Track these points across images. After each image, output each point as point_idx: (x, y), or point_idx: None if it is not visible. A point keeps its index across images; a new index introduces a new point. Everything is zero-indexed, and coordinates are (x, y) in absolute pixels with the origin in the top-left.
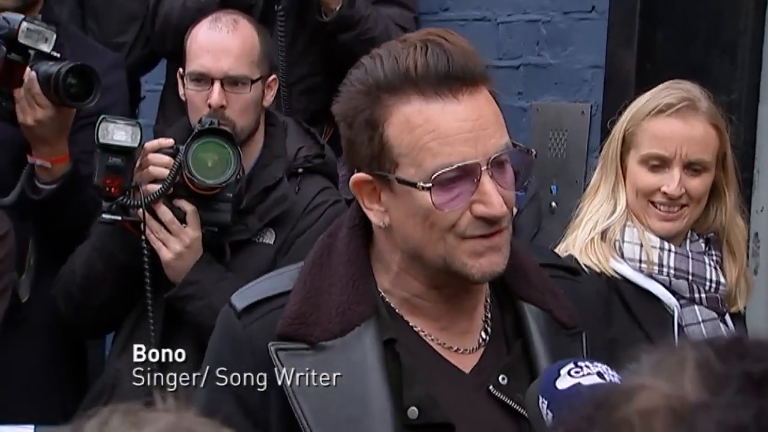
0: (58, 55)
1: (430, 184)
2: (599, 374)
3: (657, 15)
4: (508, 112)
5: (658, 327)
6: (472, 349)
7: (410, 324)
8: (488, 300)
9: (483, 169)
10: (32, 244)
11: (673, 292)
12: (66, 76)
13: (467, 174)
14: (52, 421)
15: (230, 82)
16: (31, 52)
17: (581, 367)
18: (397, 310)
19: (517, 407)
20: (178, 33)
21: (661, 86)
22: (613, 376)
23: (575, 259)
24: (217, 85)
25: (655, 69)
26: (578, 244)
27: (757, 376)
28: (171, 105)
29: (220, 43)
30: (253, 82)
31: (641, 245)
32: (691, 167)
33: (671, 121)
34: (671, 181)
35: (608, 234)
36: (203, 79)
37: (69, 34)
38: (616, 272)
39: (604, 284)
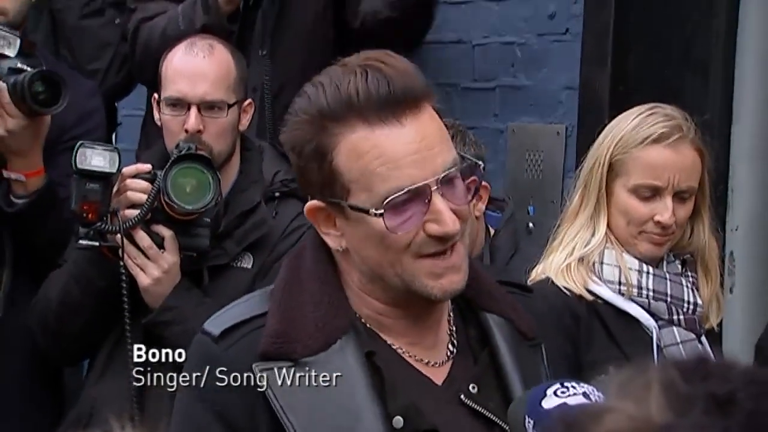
0: (26, 68)
1: (382, 210)
2: (585, 395)
3: (630, 37)
4: (484, 134)
5: (637, 349)
6: (442, 362)
7: (383, 338)
8: (450, 314)
9: (433, 189)
10: (7, 260)
11: (652, 314)
12: (32, 82)
13: (418, 195)
14: None
15: (207, 106)
16: None
17: (567, 388)
18: (369, 326)
19: (490, 415)
20: (158, 61)
21: (645, 112)
22: (598, 396)
23: (552, 281)
24: (193, 110)
25: (628, 90)
26: (554, 267)
27: (722, 397)
28: (153, 130)
29: (196, 68)
30: (229, 106)
31: (620, 267)
32: (680, 195)
33: (665, 151)
34: (665, 211)
35: (587, 257)
36: (179, 104)
37: (45, 60)
38: (595, 294)
39: (582, 307)
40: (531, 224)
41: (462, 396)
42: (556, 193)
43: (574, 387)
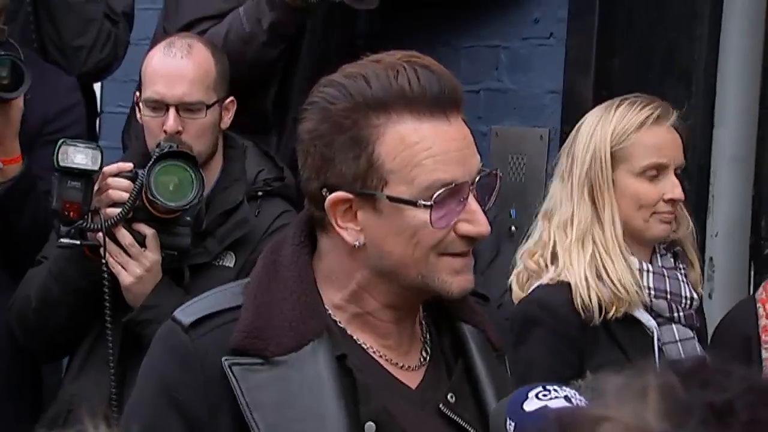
0: None
1: (431, 203)
2: (566, 398)
3: (614, 42)
4: None
5: (639, 349)
6: (415, 366)
7: (358, 341)
8: (422, 321)
9: (471, 188)
10: None
11: (652, 313)
12: None
13: (456, 193)
14: None
15: (185, 108)
16: None
17: (549, 391)
18: (344, 327)
19: (467, 426)
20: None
21: (623, 103)
22: (580, 400)
23: (564, 287)
24: (172, 111)
25: (612, 95)
26: (580, 279)
27: (719, 407)
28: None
29: (174, 69)
30: (208, 107)
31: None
32: (676, 173)
33: (663, 130)
34: (674, 187)
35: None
36: (158, 106)
37: (25, 56)
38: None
39: (588, 312)
40: (513, 227)
41: (441, 405)
42: (538, 197)
43: (556, 390)
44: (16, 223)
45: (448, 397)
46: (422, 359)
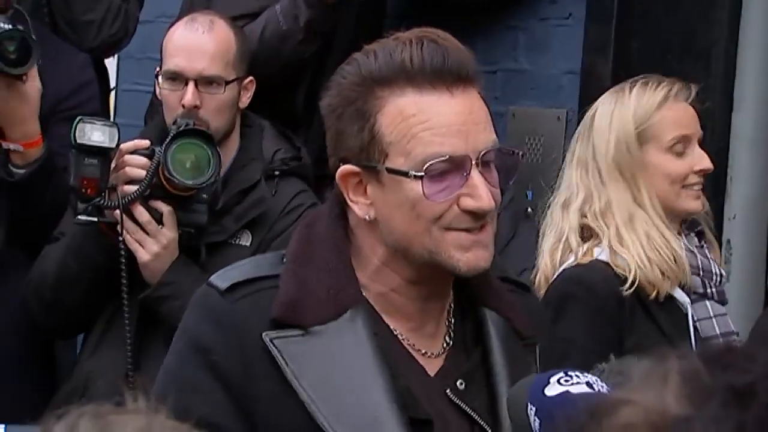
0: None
1: (422, 173)
2: (588, 384)
3: (632, 23)
4: None
5: (675, 326)
6: (437, 353)
7: (385, 321)
8: (451, 305)
9: (473, 162)
10: (3, 219)
11: (687, 291)
12: (2, 41)
13: (457, 167)
14: (22, 419)
15: (204, 82)
16: None
17: (571, 376)
18: (373, 306)
19: (472, 413)
20: (257, 69)
21: (637, 84)
22: (602, 386)
23: (599, 264)
24: (191, 85)
25: (630, 76)
26: (635, 260)
27: (740, 389)
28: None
29: (195, 43)
30: (227, 83)
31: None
32: (700, 145)
33: (683, 104)
34: (702, 158)
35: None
36: (177, 79)
37: (38, 33)
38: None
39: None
40: (529, 209)
41: (448, 390)
42: (554, 178)
43: (577, 376)
44: (38, 204)
45: (458, 383)
46: (445, 345)
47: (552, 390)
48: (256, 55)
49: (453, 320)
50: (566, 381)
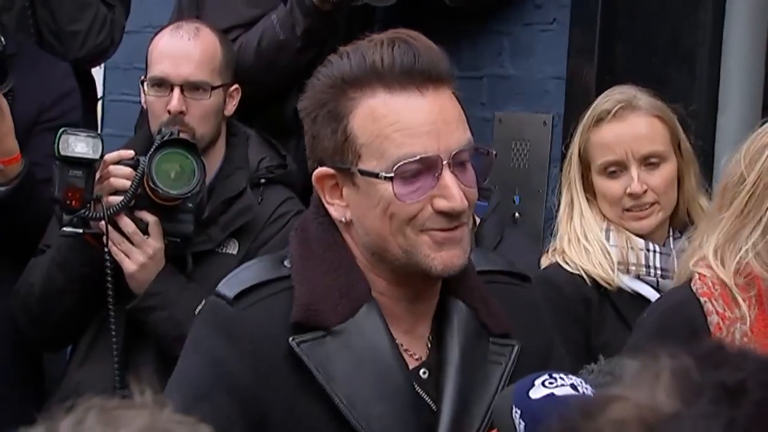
0: None
1: (392, 174)
2: (572, 386)
3: (617, 27)
4: (471, 123)
5: None
6: (423, 356)
7: (387, 325)
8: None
9: (444, 163)
10: None
11: (661, 293)
12: None
13: (429, 167)
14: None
15: (190, 88)
16: None
17: (555, 379)
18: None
19: (429, 401)
20: (253, 79)
21: (598, 100)
22: (586, 388)
23: (561, 267)
24: (176, 91)
25: (615, 80)
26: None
27: (731, 386)
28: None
29: (180, 50)
30: (213, 88)
31: (627, 248)
32: (647, 162)
33: (612, 125)
34: (631, 181)
35: (595, 241)
36: (163, 85)
37: (21, 44)
38: (604, 278)
39: (594, 291)
40: (517, 213)
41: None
42: (541, 183)
43: (562, 378)
44: (20, 219)
45: (421, 372)
46: (428, 347)
47: (537, 393)
48: (253, 65)
49: (435, 321)
50: (551, 383)
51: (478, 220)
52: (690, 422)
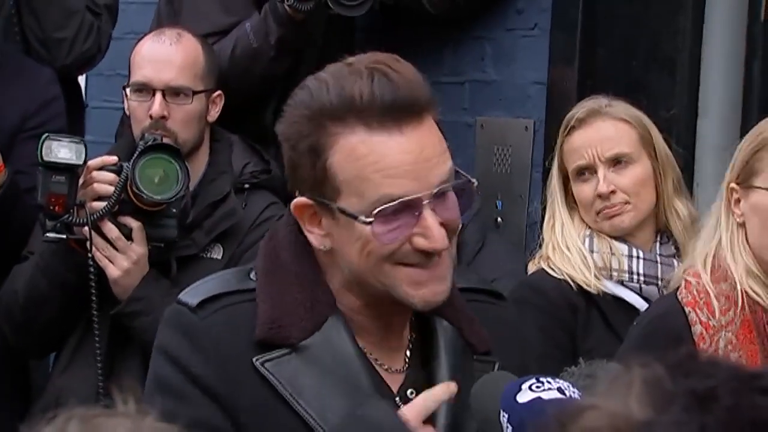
0: None
1: (371, 219)
2: (559, 390)
3: (597, 33)
4: (453, 128)
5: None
6: (400, 368)
7: (354, 336)
8: (412, 317)
9: (425, 203)
10: None
11: (645, 299)
12: None
13: (409, 207)
14: None
15: (172, 93)
16: None
17: (542, 383)
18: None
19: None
20: (228, 86)
21: (574, 107)
22: (573, 392)
23: (547, 273)
24: (158, 96)
25: (596, 85)
26: (556, 261)
27: (702, 393)
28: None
29: (162, 55)
30: (195, 93)
31: (611, 254)
32: (615, 163)
33: (580, 131)
34: (598, 183)
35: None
36: (145, 90)
37: (3, 51)
38: (589, 284)
39: (580, 297)
40: (499, 219)
41: (397, 399)
42: (523, 188)
43: (549, 382)
44: (4, 228)
45: (408, 393)
46: (406, 359)
47: (524, 396)
48: (227, 73)
49: (413, 334)
50: (538, 387)
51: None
52: (662, 429)
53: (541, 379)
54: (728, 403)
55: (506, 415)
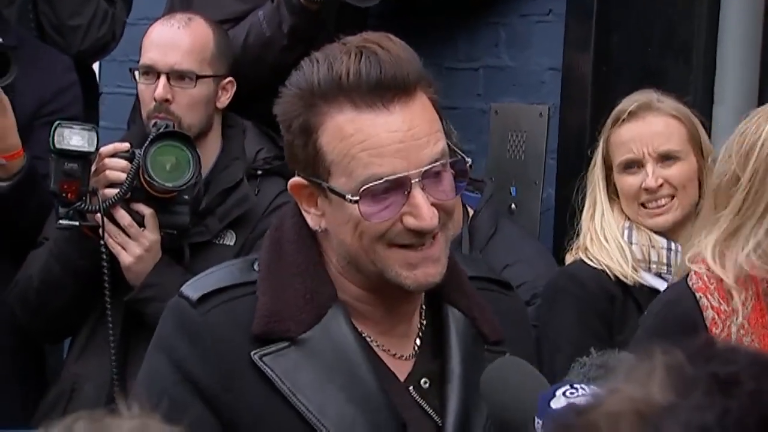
0: None
1: (357, 198)
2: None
3: (612, 18)
4: (467, 114)
5: None
6: (409, 355)
7: (355, 325)
8: (423, 306)
9: (414, 182)
10: None
11: None
12: None
13: (398, 186)
14: (13, 419)
15: (176, 76)
16: None
17: (576, 389)
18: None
19: (431, 412)
20: (240, 74)
21: (622, 100)
22: None
23: (585, 264)
24: (162, 79)
25: (611, 71)
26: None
27: (723, 378)
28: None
29: (169, 38)
30: (198, 77)
31: (650, 246)
32: (664, 159)
33: (630, 124)
34: (647, 176)
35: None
36: (151, 72)
37: (21, 38)
38: (626, 276)
39: (618, 288)
40: (513, 205)
41: (411, 388)
42: (538, 174)
43: (583, 389)
44: (23, 214)
45: (422, 382)
46: (416, 347)
47: (557, 403)
48: (239, 60)
49: (424, 321)
50: (572, 394)
51: (471, 212)
52: (684, 413)
53: (575, 385)
54: (750, 388)
55: (540, 422)
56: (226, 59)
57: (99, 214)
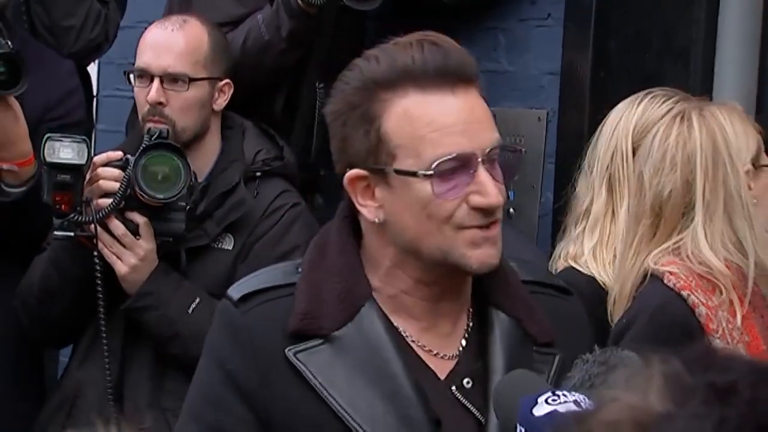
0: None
1: (431, 172)
2: (575, 402)
3: (611, 23)
4: None
5: None
6: (452, 355)
7: (393, 324)
8: (470, 309)
9: (479, 160)
10: None
11: None
12: None
13: (464, 165)
14: (13, 427)
15: (170, 79)
16: None
17: (558, 396)
18: (382, 309)
19: (474, 411)
20: (239, 77)
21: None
22: (589, 405)
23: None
24: (156, 82)
25: (609, 76)
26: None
27: (721, 386)
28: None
29: (163, 41)
30: (192, 80)
31: None
32: None
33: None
34: None
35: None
36: (145, 75)
37: (23, 40)
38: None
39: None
40: (511, 209)
41: (453, 388)
42: (536, 178)
43: (565, 395)
44: (33, 221)
45: (464, 382)
46: (461, 347)
47: (540, 410)
48: (238, 64)
49: (471, 322)
50: (554, 400)
51: None
52: (682, 422)
53: (557, 392)
54: (748, 397)
55: (522, 429)
56: (222, 61)
57: (93, 225)
